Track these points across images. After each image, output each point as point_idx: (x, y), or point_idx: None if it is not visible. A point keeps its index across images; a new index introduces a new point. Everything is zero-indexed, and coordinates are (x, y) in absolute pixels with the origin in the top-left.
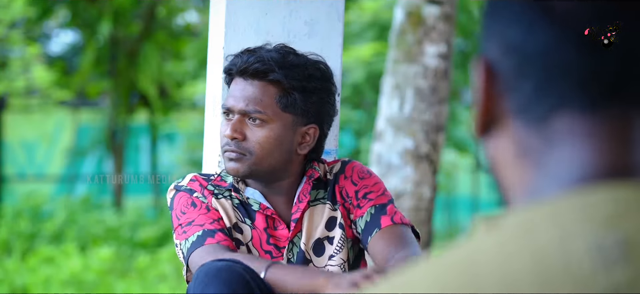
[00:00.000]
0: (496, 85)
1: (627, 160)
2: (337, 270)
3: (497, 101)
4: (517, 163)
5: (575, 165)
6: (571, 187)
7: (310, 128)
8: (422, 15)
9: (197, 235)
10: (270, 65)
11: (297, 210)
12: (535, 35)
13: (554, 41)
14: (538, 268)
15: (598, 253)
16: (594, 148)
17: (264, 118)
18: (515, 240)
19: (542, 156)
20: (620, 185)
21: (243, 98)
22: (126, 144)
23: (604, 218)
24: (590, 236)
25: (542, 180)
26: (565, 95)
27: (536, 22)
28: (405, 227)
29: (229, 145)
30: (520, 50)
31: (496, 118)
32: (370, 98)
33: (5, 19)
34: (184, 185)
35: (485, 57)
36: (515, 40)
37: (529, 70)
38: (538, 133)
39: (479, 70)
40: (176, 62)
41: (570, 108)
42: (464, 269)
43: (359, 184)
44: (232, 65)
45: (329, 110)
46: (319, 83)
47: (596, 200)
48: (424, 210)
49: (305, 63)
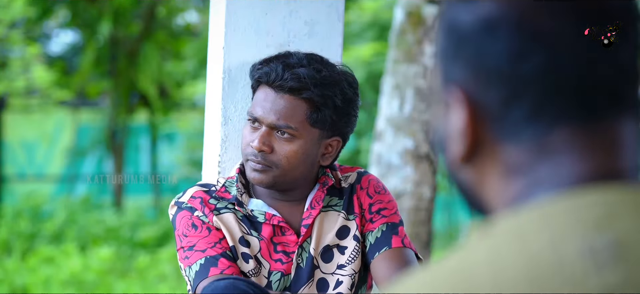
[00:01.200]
0: (478, 115)
1: (616, 165)
2: (348, 280)
3: (480, 130)
4: (503, 180)
5: (566, 172)
6: (561, 191)
7: (334, 140)
8: (422, 15)
9: (200, 264)
10: (306, 83)
11: (309, 216)
12: (525, 61)
13: (547, 64)
14: (531, 272)
15: (590, 255)
16: (586, 156)
17: (293, 133)
18: (507, 245)
19: (533, 167)
20: (610, 187)
21: (274, 111)
22: (126, 144)
23: (594, 220)
24: (582, 238)
25: (531, 187)
26: (560, 113)
27: (526, 47)
28: (411, 252)
29: (255, 156)
30: (508, 78)
31: (479, 146)
32: (370, 98)
33: (5, 19)
34: (185, 202)
35: (458, 87)
36: (500, 68)
37: (520, 97)
38: (530, 150)
39: (455, 103)
40: (176, 62)
41: (566, 124)
42: (459, 277)
43: (374, 198)
44: (265, 76)
45: (353, 122)
46: (348, 98)
47: (586, 202)
48: (424, 210)
49: (337, 79)
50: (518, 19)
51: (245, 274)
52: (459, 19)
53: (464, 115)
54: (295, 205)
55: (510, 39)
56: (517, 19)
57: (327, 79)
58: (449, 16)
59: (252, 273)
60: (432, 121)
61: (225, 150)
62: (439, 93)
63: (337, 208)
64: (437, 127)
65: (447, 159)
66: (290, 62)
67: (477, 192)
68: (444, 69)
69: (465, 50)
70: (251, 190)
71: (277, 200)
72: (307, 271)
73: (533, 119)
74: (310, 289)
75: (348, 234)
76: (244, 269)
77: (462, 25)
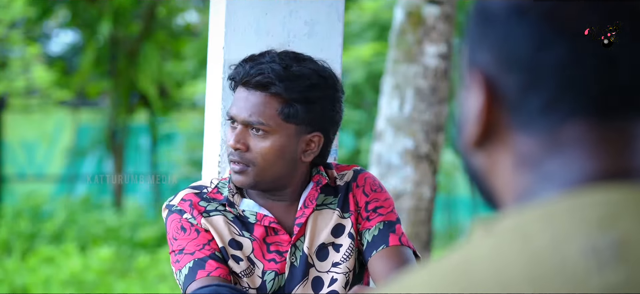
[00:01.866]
0: (496, 100)
1: (626, 164)
2: (342, 278)
3: (496, 115)
4: (514, 172)
5: (574, 169)
6: (567, 189)
7: (315, 136)
8: (422, 15)
9: (189, 267)
10: (271, 79)
11: (302, 215)
12: (548, 51)
13: (569, 57)
14: (533, 271)
15: (592, 255)
16: (596, 154)
17: (267, 129)
18: (510, 243)
19: (543, 161)
20: (614, 186)
21: (246, 108)
22: (126, 144)
23: (598, 220)
24: (585, 237)
25: (539, 183)
26: (576, 107)
27: (550, 37)
28: (409, 250)
29: (233, 155)
30: (529, 66)
31: (493, 131)
32: (370, 98)
33: (5, 19)
34: (175, 204)
35: (480, 70)
36: (521, 55)
37: (539, 86)
38: (542, 143)
39: (475, 85)
40: (176, 62)
41: (580, 119)
42: (460, 274)
43: (370, 196)
44: (236, 74)
45: (333, 116)
46: (321, 92)
47: (591, 201)
48: (424, 210)
49: (308, 73)
50: (548, 9)
51: (237, 275)
52: (488, 3)
53: (482, 98)
54: (288, 205)
55: (537, 27)
56: (546, 9)
57: (294, 74)
58: (480, 0)
59: (244, 274)
60: (458, 104)
61: (225, 150)
62: (463, 76)
63: (332, 206)
64: (461, 110)
65: (462, 142)
66: (260, 60)
67: (488, 180)
68: (469, 52)
69: (491, 33)
70: (244, 189)
71: (269, 200)
72: (301, 270)
73: (548, 110)
74: (305, 288)
75: (343, 232)
76: (236, 270)
77: (492, 8)
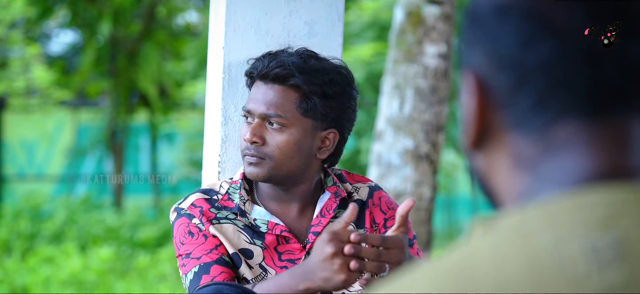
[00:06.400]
0: (489, 100)
1: (624, 163)
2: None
3: (490, 116)
4: (511, 172)
5: (572, 169)
6: (566, 189)
7: (330, 133)
8: (422, 15)
9: (194, 272)
10: (291, 70)
11: (319, 224)
12: (535, 49)
13: (555, 54)
14: (533, 271)
15: (592, 255)
16: (592, 153)
17: (284, 123)
18: (510, 243)
19: (539, 163)
20: (614, 186)
21: (264, 102)
22: (126, 144)
23: (598, 220)
24: (585, 237)
25: (537, 184)
26: (566, 105)
27: (535, 35)
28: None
29: (249, 149)
30: (517, 65)
31: (489, 132)
32: (370, 98)
33: (5, 19)
34: (184, 208)
35: (473, 70)
36: (510, 54)
37: (528, 85)
38: (536, 143)
39: (469, 85)
40: (176, 62)
41: (572, 117)
42: (460, 273)
43: (388, 213)
44: (254, 69)
45: (349, 115)
46: (339, 88)
47: (590, 201)
48: (424, 210)
49: (326, 68)
50: (529, 7)
51: (248, 282)
52: (477, 4)
53: (476, 100)
54: (299, 210)
55: (521, 25)
56: (528, 7)
57: (314, 67)
58: (471, 2)
59: (255, 281)
60: (460, 105)
61: (225, 150)
62: (463, 77)
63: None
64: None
65: (463, 144)
66: (279, 54)
67: (489, 181)
68: (464, 54)
69: (480, 33)
70: (255, 195)
71: (281, 203)
72: None
73: (539, 109)
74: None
75: None
76: (248, 277)
77: (479, 9)
